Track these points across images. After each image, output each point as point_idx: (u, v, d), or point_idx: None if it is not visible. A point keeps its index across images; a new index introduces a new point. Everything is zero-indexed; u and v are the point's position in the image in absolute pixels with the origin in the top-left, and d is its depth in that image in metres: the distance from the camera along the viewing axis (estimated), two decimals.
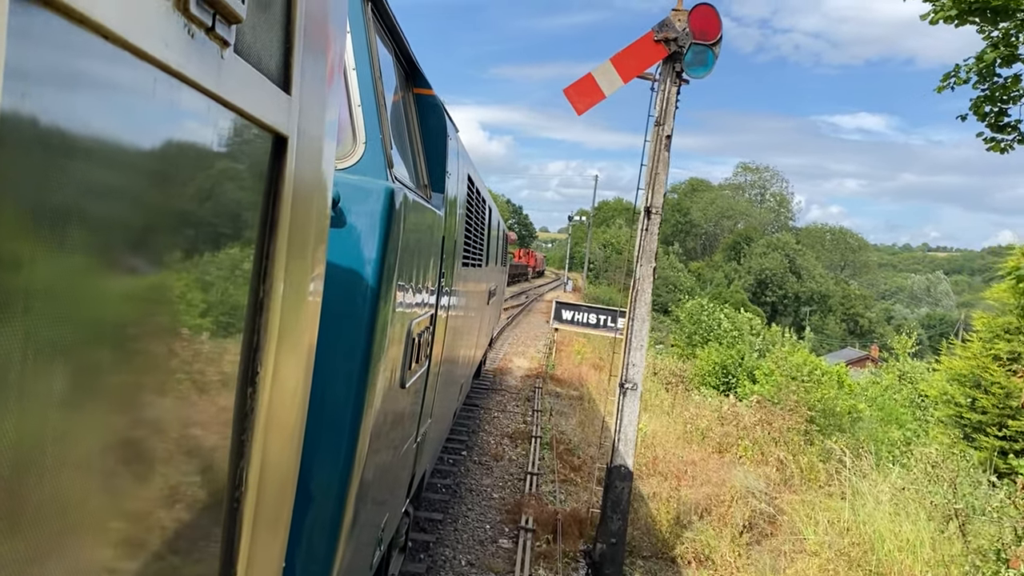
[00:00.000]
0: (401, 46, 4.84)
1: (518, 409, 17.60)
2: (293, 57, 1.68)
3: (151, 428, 1.26)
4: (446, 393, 7.58)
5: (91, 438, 1.07)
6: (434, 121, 5.51)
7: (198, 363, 1.42)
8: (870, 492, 10.01)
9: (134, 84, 1.05)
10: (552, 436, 14.99)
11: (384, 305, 3.38)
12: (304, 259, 1.88)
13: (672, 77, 9.36)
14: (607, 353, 31.60)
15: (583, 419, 17.32)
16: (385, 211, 3.31)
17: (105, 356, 1.09)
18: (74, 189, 0.93)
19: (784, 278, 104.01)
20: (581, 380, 23.52)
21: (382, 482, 4.24)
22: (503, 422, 16.06)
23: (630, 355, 9.38)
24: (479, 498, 11.07)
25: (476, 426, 15.22)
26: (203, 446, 1.50)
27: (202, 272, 1.38)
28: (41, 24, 0.84)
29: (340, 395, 3.25)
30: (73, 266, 0.96)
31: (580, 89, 9.30)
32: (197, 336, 1.40)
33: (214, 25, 1.24)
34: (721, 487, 10.74)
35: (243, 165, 1.52)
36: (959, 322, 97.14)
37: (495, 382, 20.60)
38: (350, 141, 3.57)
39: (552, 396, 19.93)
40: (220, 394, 1.54)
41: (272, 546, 1.96)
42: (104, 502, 1.13)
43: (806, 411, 15.42)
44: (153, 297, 1.22)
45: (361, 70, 3.66)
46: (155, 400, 1.26)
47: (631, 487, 9.42)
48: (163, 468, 1.33)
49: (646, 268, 9.33)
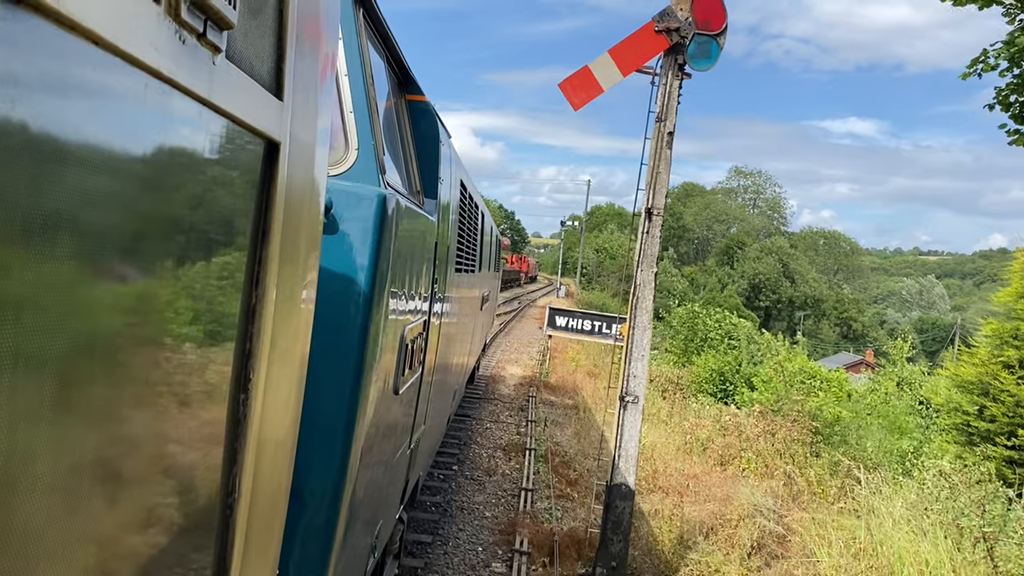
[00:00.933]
0: (393, 52, 4.84)
1: (511, 419, 17.01)
2: (285, 63, 1.68)
3: (143, 435, 1.26)
4: (439, 400, 7.52)
5: (83, 446, 1.06)
6: (426, 127, 5.50)
7: (190, 370, 1.42)
8: (885, 509, 9.45)
9: (125, 90, 1.05)
10: (547, 448, 14.42)
11: (377, 312, 3.38)
12: (297, 265, 1.88)
13: (674, 70, 8.81)
14: (602, 360, 31.04)
15: (579, 429, 16.75)
16: (378, 217, 3.31)
17: (96, 363, 1.08)
18: (64, 196, 0.93)
19: (778, 282, 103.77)
20: (576, 388, 22.95)
21: (376, 489, 4.22)
22: (496, 433, 15.47)
23: (631, 366, 8.81)
24: (471, 517, 10.47)
25: (468, 438, 14.63)
26: (195, 453, 1.49)
27: (193, 279, 1.38)
28: (31, 30, 0.83)
29: (333, 402, 3.25)
30: (64, 273, 0.96)
31: (576, 83, 8.74)
32: (189, 343, 1.40)
33: (205, 31, 1.24)
34: (726, 504, 10.16)
35: (235, 171, 1.51)
36: (955, 327, 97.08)
37: (487, 391, 20.00)
38: (343, 147, 3.56)
39: (546, 405, 19.34)
40: (212, 401, 1.53)
41: (265, 553, 1.95)
42: (96, 510, 1.12)
43: (810, 422, 14.84)
44: (143, 304, 1.22)
45: (353, 76, 3.65)
46: (147, 407, 1.26)
47: (632, 507, 8.85)
48: (155, 476, 1.33)
49: (647, 273, 8.77)
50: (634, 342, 8.75)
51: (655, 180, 8.74)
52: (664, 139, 8.75)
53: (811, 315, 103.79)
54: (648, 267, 8.76)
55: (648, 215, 8.70)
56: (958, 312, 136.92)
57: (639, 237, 8.81)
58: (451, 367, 8.48)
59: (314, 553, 3.28)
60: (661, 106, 8.75)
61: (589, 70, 8.63)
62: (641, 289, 8.74)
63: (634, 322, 8.78)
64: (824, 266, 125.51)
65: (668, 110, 8.74)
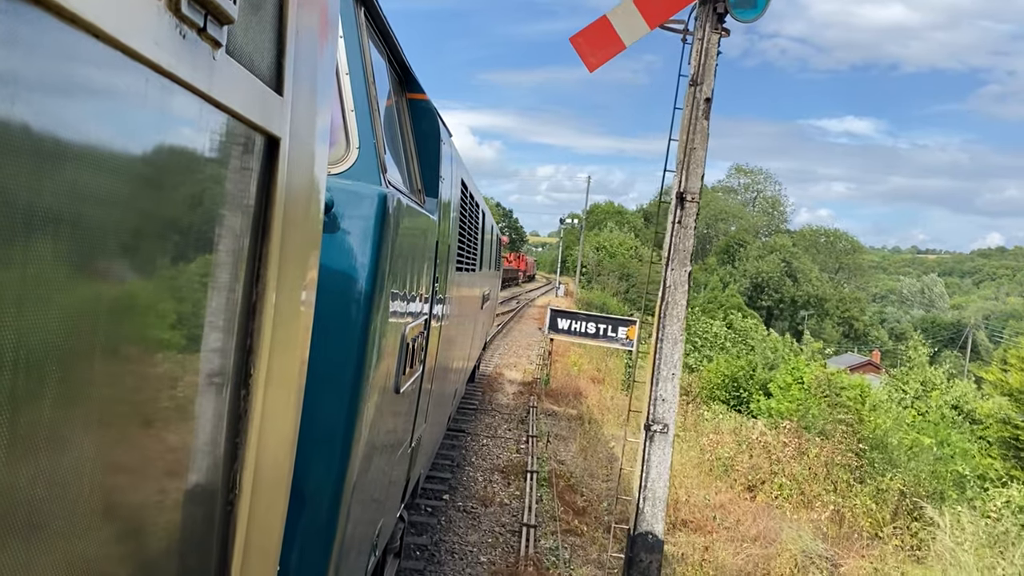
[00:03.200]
0: (394, 50, 4.80)
1: (510, 434, 15.37)
2: (285, 58, 1.68)
3: (144, 431, 1.25)
4: (440, 398, 7.45)
5: (84, 442, 1.05)
6: (427, 126, 5.44)
7: (191, 366, 1.41)
8: (961, 554, 7.83)
9: (125, 85, 1.05)
10: (550, 469, 12.77)
11: (378, 310, 3.36)
12: (297, 262, 1.87)
13: (712, 22, 7.17)
14: (604, 363, 29.26)
15: (585, 444, 15.15)
16: (379, 216, 3.30)
17: (98, 359, 1.07)
18: (63, 191, 0.93)
19: (780, 282, 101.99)
20: (579, 395, 21.33)
21: (377, 487, 4.20)
22: (493, 452, 13.83)
23: (658, 387, 7.16)
24: (463, 563, 8.81)
25: (462, 458, 12.98)
26: (196, 449, 1.48)
27: (193, 275, 1.38)
28: (31, 23, 0.83)
29: (334, 400, 3.22)
30: (63, 268, 0.95)
31: (592, 38, 7.07)
32: (190, 339, 1.40)
33: (206, 26, 1.24)
34: (767, 545, 8.54)
35: (235, 166, 1.51)
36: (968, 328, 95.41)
37: (484, 401, 18.33)
38: (344, 146, 3.55)
39: (548, 416, 17.72)
40: (213, 397, 1.53)
41: (266, 550, 1.95)
42: (98, 505, 1.12)
43: (855, 442, 12.99)
44: (142, 301, 1.21)
45: (354, 75, 3.64)
46: (148, 403, 1.25)
47: (661, 560, 7.20)
48: (156, 471, 1.33)
49: (679, 273, 7.11)
50: (663, 357, 7.09)
51: (689, 158, 7.09)
52: (699, 107, 7.10)
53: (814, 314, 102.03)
54: (680, 265, 7.10)
55: (680, 201, 7.03)
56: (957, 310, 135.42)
57: (669, 228, 7.14)
58: (452, 366, 8.37)
59: (315, 551, 3.27)
60: (696, 66, 7.10)
61: (608, 21, 6.97)
62: (672, 292, 7.08)
63: (662, 333, 7.12)
64: (825, 264, 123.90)
65: (705, 71, 7.07)
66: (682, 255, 7.00)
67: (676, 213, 6.99)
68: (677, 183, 7.04)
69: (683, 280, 7.02)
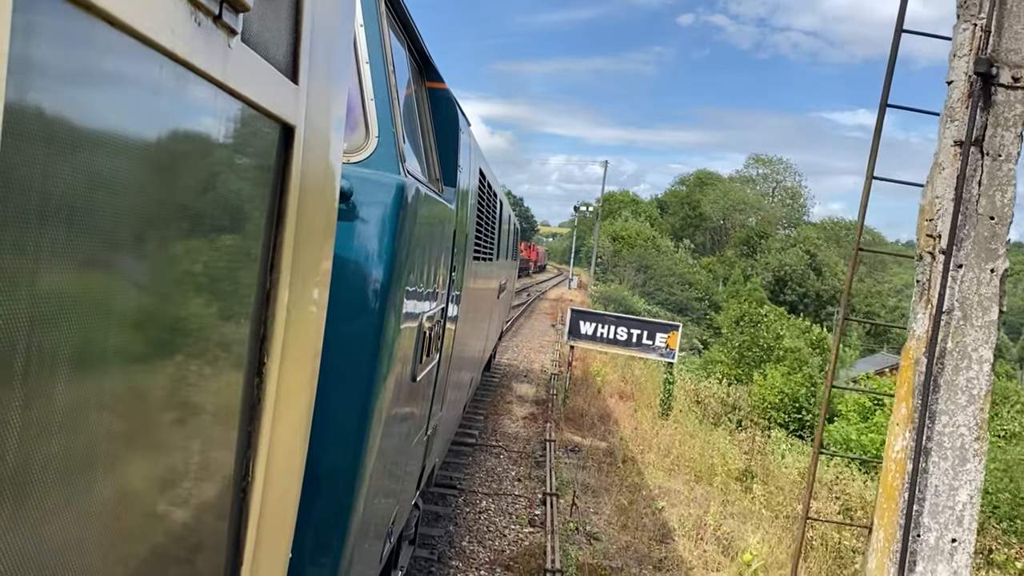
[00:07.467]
0: (414, 39, 4.81)
1: (520, 488, 10.99)
2: (301, 47, 1.67)
3: (158, 418, 1.26)
4: (456, 387, 7.39)
5: (98, 428, 1.06)
6: (446, 114, 5.45)
7: (205, 354, 1.41)
8: None
9: (140, 73, 1.05)
10: (580, 559, 8.55)
11: (395, 298, 3.37)
12: (312, 250, 1.87)
13: None
14: (631, 371, 24.68)
15: (623, 502, 10.90)
16: (397, 205, 3.33)
17: (112, 346, 1.07)
18: (78, 179, 0.93)
19: (804, 275, 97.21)
20: (607, 417, 17.00)
21: (392, 474, 4.20)
22: (494, 525, 9.50)
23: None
24: None
25: (447, 539, 8.72)
26: (210, 436, 1.49)
27: (208, 262, 1.37)
28: (47, 12, 0.83)
29: (351, 388, 3.24)
30: (79, 256, 0.95)
31: None
32: (203, 326, 1.40)
33: (221, 13, 1.24)
34: None
35: (250, 155, 1.51)
36: None
37: (486, 430, 14.02)
38: (363, 135, 3.56)
39: (570, 454, 13.40)
40: (226, 385, 1.53)
41: (279, 536, 1.96)
42: (111, 492, 1.12)
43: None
44: (158, 288, 1.21)
45: (374, 63, 3.65)
46: (162, 391, 1.26)
47: None
48: (169, 458, 1.33)
49: (977, 272, 2.80)
50: (929, 490, 2.83)
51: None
52: None
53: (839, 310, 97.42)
54: (982, 256, 2.83)
55: (987, 84, 2.76)
56: None
57: (939, 164, 2.87)
58: (468, 355, 8.32)
59: (330, 537, 3.27)
60: None
61: None
62: (957, 328, 2.81)
63: (930, 426, 2.83)
64: (845, 257, 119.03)
65: None
66: (989, 230, 2.71)
67: (975, 120, 2.69)
68: (975, 43, 2.75)
69: (989, 294, 2.72)
